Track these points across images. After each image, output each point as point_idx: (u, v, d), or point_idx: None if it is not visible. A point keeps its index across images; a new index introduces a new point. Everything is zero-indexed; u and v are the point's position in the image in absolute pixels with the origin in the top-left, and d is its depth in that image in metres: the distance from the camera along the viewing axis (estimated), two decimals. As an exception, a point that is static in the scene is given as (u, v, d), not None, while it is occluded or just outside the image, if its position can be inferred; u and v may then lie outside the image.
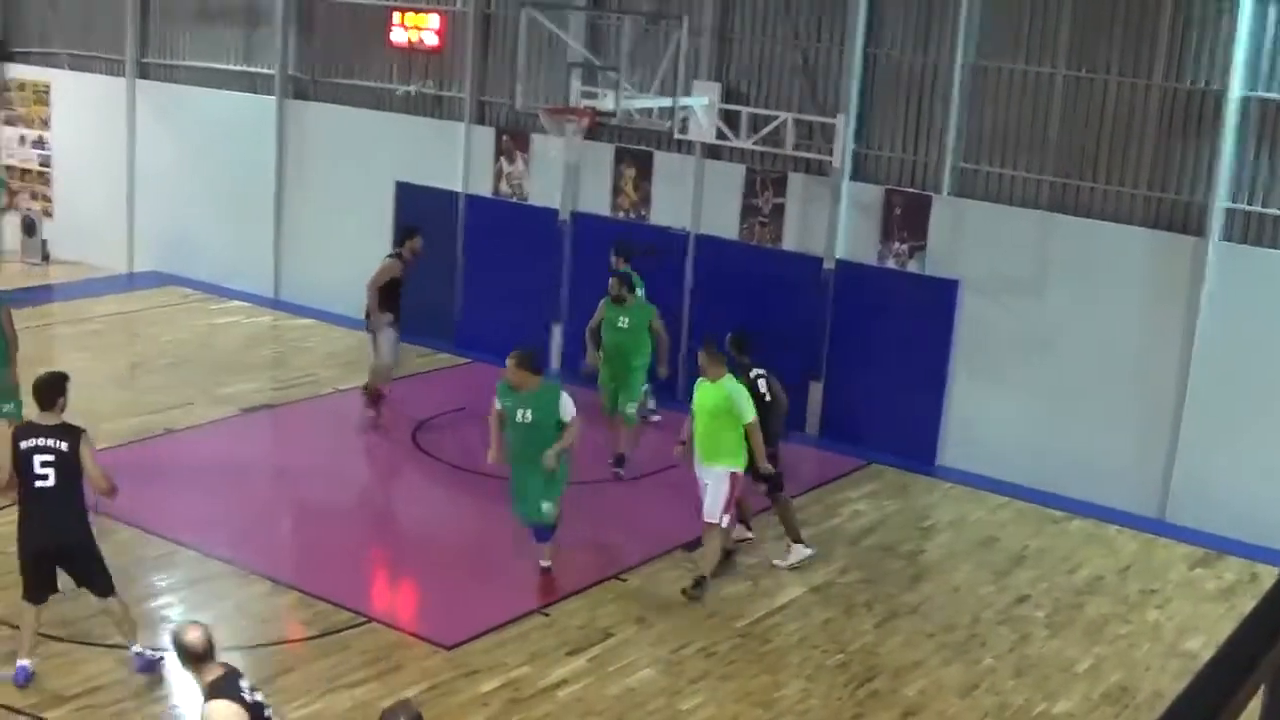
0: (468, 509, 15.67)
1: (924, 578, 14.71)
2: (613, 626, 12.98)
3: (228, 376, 20.01)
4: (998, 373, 17.52)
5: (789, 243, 18.85)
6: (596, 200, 20.36)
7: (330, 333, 22.19)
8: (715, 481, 13.54)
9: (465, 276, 21.75)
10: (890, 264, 18.10)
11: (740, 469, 13.60)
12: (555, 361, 20.29)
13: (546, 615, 13.15)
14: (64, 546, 11.34)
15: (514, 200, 21.23)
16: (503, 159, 21.27)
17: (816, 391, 18.68)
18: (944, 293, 17.67)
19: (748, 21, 18.99)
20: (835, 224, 18.30)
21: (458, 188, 21.67)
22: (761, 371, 14.46)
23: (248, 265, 23.96)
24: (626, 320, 16.82)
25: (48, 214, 26.94)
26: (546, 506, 13.42)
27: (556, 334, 20.58)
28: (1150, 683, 12.65)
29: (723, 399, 13.45)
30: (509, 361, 13.38)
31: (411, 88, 21.92)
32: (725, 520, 13.65)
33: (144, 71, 25.42)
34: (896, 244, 18.05)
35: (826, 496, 16.73)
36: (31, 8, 26.84)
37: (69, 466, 11.15)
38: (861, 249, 18.27)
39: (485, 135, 21.41)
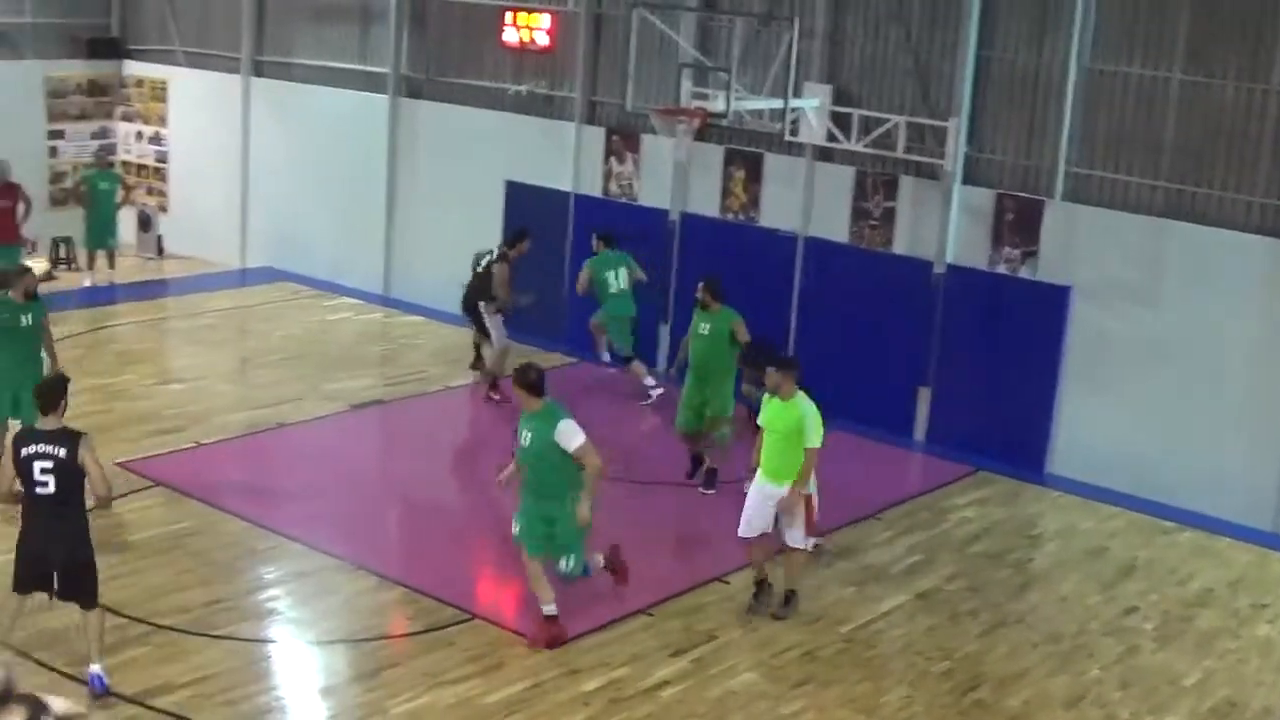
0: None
1: (1031, 587, 14.56)
2: (716, 629, 12.95)
3: (338, 372, 20.20)
4: (1109, 381, 17.29)
5: (899, 246, 18.72)
6: (705, 202, 20.33)
7: (439, 330, 22.31)
8: (792, 505, 12.99)
9: (574, 276, 21.75)
10: (1001, 269, 17.93)
11: (813, 491, 13.16)
12: (660, 363, 20.31)
13: (650, 616, 13.14)
14: (61, 558, 11.13)
15: (623, 201, 21.26)
16: (613, 159, 21.30)
17: (925, 397, 18.54)
18: (1055, 299, 17.47)
19: (859, 23, 18.88)
20: (946, 228, 18.15)
21: (567, 188, 21.73)
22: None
23: (358, 262, 24.17)
24: (708, 326, 16.23)
25: (163, 209, 27.32)
26: (565, 564, 12.40)
27: (663, 335, 20.58)
28: (1260, 699, 12.44)
29: (795, 420, 12.89)
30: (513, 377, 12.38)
31: (524, 88, 22.01)
32: (809, 543, 13.42)
33: (259, 69, 25.72)
34: (1007, 249, 17.87)
35: (934, 503, 16.60)
36: (150, 6, 27.23)
37: (68, 472, 10.90)
38: (972, 253, 18.11)
39: (596, 135, 21.45)
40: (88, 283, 24.51)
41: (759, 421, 13.32)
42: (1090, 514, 16.59)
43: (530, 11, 21.73)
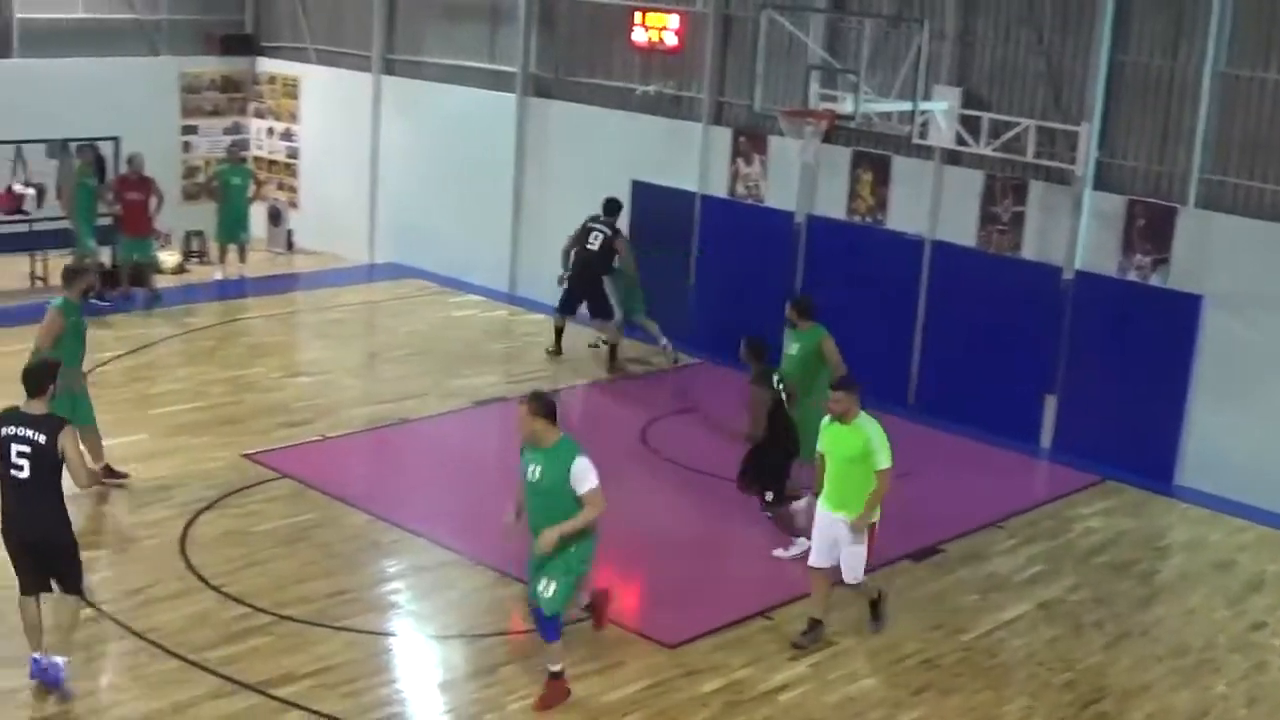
0: (695, 509, 15.68)
1: (1156, 599, 14.34)
2: (836, 633, 12.87)
3: (462, 369, 20.34)
4: (1242, 392, 16.97)
5: (1028, 252, 18.51)
6: (832, 204, 20.24)
7: (568, 330, 22.36)
8: (855, 537, 12.38)
9: (699, 276, 21.79)
10: (1131, 276, 17.67)
11: (877, 519, 12.50)
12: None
13: (770, 619, 13.10)
14: (36, 540, 10.98)
15: (749, 202, 21.21)
16: (739, 160, 21.26)
17: (1051, 404, 18.32)
18: (1186, 308, 17.19)
19: (990, 25, 18.70)
20: (1075, 234, 17.92)
21: (694, 188, 21.72)
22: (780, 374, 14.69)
23: (484, 259, 24.32)
24: (797, 346, 15.62)
25: (293, 205, 27.67)
26: (544, 587, 11.18)
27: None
28: (1392, 718, 12.19)
29: (862, 444, 12.29)
30: (520, 407, 11.19)
31: (653, 88, 22.01)
32: (866, 580, 12.68)
33: (389, 68, 25.96)
34: (1138, 256, 17.61)
35: (1059, 512, 16.39)
36: (283, 3, 27.60)
37: (45, 459, 10.67)
38: (1102, 260, 17.86)
39: (723, 136, 21.41)
40: (219, 276, 24.87)
41: (819, 448, 12.68)
42: (1219, 526, 16.31)
43: (659, 12, 21.75)
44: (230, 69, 27.78)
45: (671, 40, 21.64)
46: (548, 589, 11.12)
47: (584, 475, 10.91)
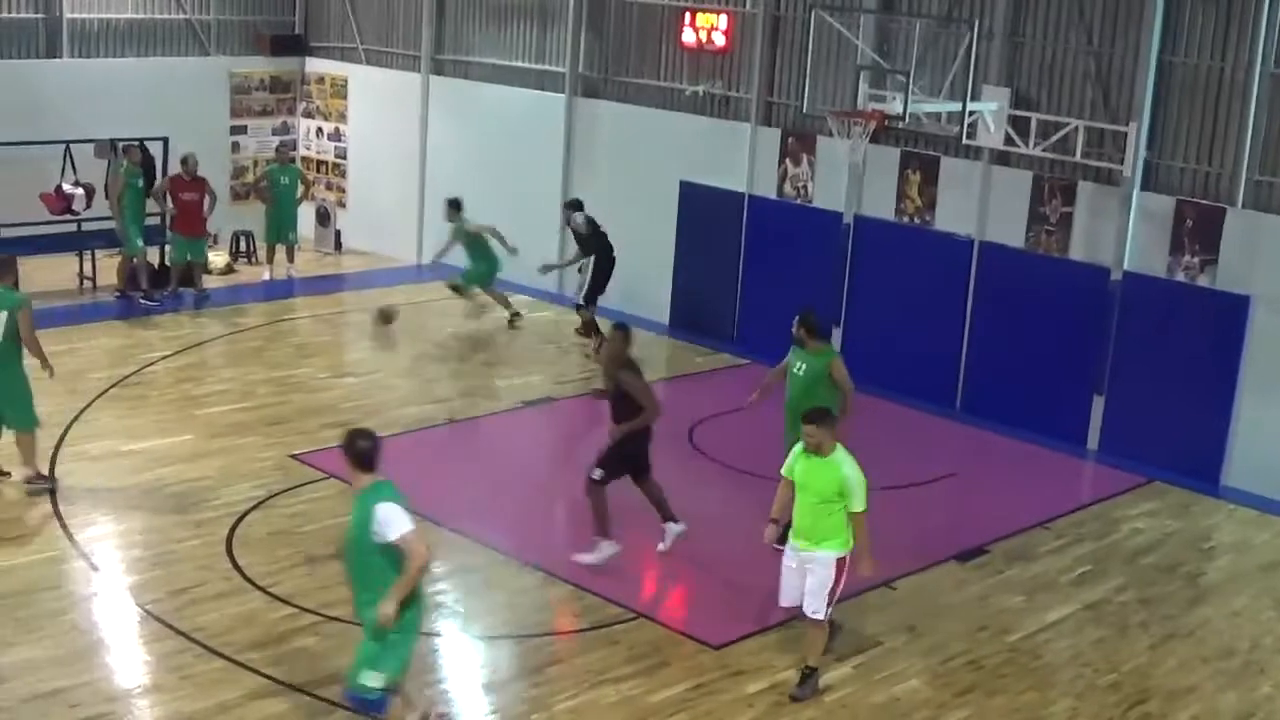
0: (742, 509, 15.59)
1: (1202, 601, 14.26)
2: (881, 634, 12.87)
3: (509, 369, 20.40)
4: (1290, 392, 16.91)
5: (1075, 252, 18.43)
6: (881, 204, 20.20)
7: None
8: (820, 569, 11.56)
9: (747, 277, 21.79)
10: (1179, 277, 17.57)
11: (849, 551, 11.65)
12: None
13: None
14: None
15: (798, 202, 21.19)
16: (788, 160, 21.24)
17: (1098, 405, 18.24)
18: (1235, 309, 17.09)
19: (1039, 25, 18.63)
20: (1123, 234, 17.83)
21: (742, 188, 21.71)
22: None
23: (532, 260, 24.30)
24: (804, 366, 14.46)
25: (341, 205, 27.80)
26: (366, 677, 9.83)
27: (835, 339, 20.47)
28: None
29: (837, 484, 11.44)
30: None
31: (701, 88, 22.00)
32: (829, 613, 11.69)
33: (438, 68, 26.05)
34: (1187, 257, 17.52)
35: (1105, 512, 16.33)
36: (333, 4, 27.74)
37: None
38: (1150, 261, 17.78)
39: (771, 136, 21.40)
40: (267, 276, 25.02)
41: (784, 472, 11.92)
42: (1266, 528, 16.21)
43: (708, 12, 21.76)
44: (279, 69, 27.94)
45: (720, 40, 21.65)
46: (368, 680, 9.79)
47: (388, 520, 9.48)
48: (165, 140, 24.12)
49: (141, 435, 16.92)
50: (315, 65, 28.10)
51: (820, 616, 11.64)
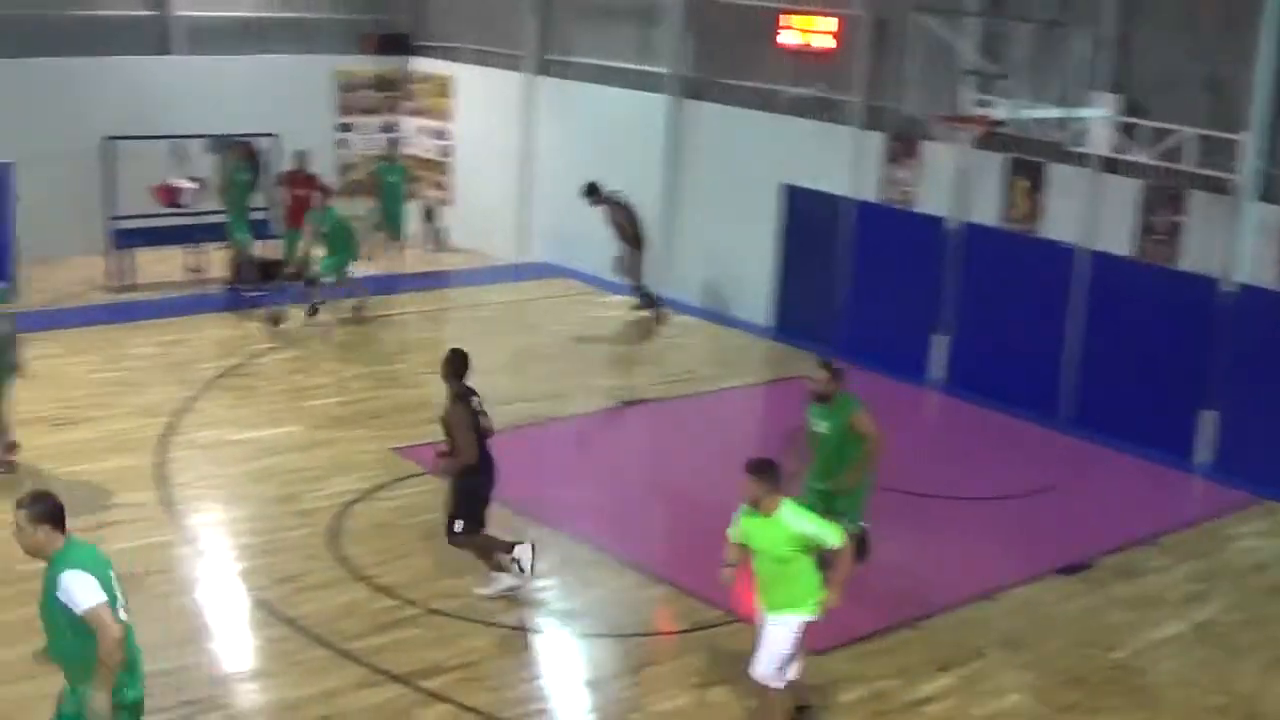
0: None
1: (1316, 623, 14.01)
2: (985, 646, 12.71)
3: (608, 369, 20.42)
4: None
5: (1185, 263, 18.14)
6: (986, 210, 20.01)
7: (710, 330, 22.42)
8: (776, 630, 10.30)
9: (849, 281, 21.66)
10: (1293, 290, 17.29)
11: (814, 613, 10.33)
12: (939, 370, 20.15)
13: (916, 629, 12.96)
14: None
15: (901, 207, 21.05)
16: (891, 164, 21.10)
17: (1208, 420, 17.94)
18: (1351, 323, 16.81)
19: (1150, 31, 18.36)
20: (1236, 245, 17.56)
21: (845, 192, 21.59)
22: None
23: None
24: (825, 424, 13.09)
25: (445, 203, 27.94)
26: None
27: (938, 345, 20.35)
28: None
29: (787, 540, 10.09)
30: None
31: (810, 91, 21.81)
32: (783, 680, 10.44)
33: (543, 67, 26.12)
34: (1300, 269, 17.24)
35: (1216, 530, 16.02)
36: (438, 3, 27.90)
37: None
38: (1263, 272, 17.44)
39: (874, 140, 21.27)
40: (373, 272, 25.14)
41: (729, 534, 10.69)
42: (1381, 550, 15.91)
43: (812, 14, 21.65)
44: (385, 68, 28.14)
45: (826, 43, 21.52)
46: None
47: (71, 590, 7.96)
48: (275, 137, 24.36)
49: (250, 425, 17.14)
50: (420, 64, 28.27)
51: (769, 682, 10.35)
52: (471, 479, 12.82)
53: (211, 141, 24.06)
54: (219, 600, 12.87)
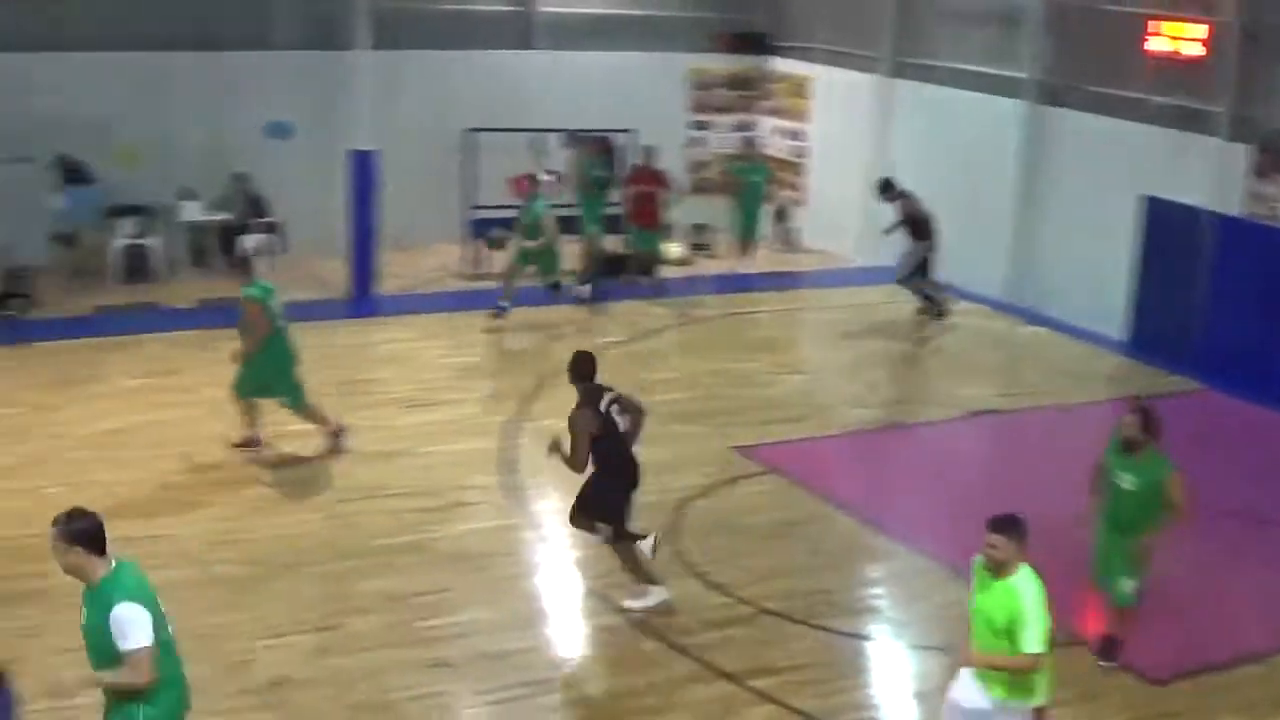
0: (1200, 541, 14.66)
1: None
2: (1262, 711, 11.86)
3: (955, 378, 20.16)
4: None
5: None
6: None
7: (1063, 343, 21.89)
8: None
9: (1209, 299, 20.88)
10: None
11: (1042, 702, 9.45)
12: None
13: (1264, 665, 12.35)
14: None
15: (1269, 223, 20.21)
16: (1259, 179, 20.28)
17: None
18: None
19: None
20: None
21: (1206, 205, 20.82)
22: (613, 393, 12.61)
23: (982, 267, 23.99)
24: (1132, 479, 11.70)
25: (799, 204, 28.01)
26: None
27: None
28: None
29: (1008, 615, 9.06)
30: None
31: (1176, 100, 21.07)
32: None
33: (898, 70, 25.96)
34: None
35: None
36: (797, 3, 27.98)
37: None
38: None
39: (1240, 153, 20.45)
40: (731, 270, 25.39)
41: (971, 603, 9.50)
42: None
43: (1182, 21, 20.96)
44: (740, 66, 28.34)
45: (1195, 51, 20.79)
46: None
47: (124, 625, 7.87)
48: (632, 133, 24.78)
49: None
50: (777, 64, 28.39)
51: None
52: (605, 480, 12.46)
53: (568, 136, 24.62)
54: (559, 586, 13.29)
